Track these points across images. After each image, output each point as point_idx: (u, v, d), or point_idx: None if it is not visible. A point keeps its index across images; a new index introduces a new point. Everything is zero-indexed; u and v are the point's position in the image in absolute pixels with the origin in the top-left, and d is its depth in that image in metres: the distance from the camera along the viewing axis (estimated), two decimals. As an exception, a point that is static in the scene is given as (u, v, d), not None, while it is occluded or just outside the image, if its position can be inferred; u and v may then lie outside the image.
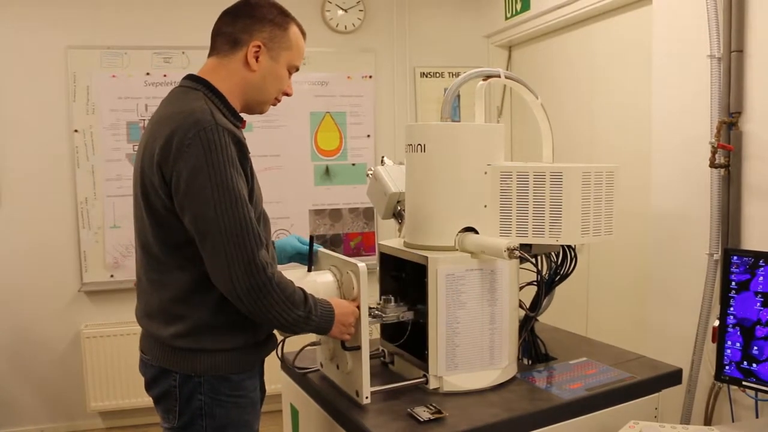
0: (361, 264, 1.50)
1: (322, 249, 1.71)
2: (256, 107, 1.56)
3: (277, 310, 1.37)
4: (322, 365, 1.79)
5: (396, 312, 1.68)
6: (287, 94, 1.58)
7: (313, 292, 1.49)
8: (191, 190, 1.33)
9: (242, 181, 1.37)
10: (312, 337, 1.63)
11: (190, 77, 1.50)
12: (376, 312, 1.67)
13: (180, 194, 1.34)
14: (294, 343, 1.77)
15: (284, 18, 1.52)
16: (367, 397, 1.53)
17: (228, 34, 1.48)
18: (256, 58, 1.48)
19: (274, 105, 1.59)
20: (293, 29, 1.53)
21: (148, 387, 1.53)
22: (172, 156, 1.34)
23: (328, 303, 1.48)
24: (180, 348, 1.43)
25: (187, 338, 1.42)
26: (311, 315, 1.42)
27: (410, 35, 3.83)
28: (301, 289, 1.43)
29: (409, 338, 1.74)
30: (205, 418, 1.44)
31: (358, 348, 1.52)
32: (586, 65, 3.11)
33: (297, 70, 1.57)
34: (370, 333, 1.56)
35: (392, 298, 1.70)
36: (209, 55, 1.52)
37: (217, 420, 1.45)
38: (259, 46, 1.47)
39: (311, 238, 1.69)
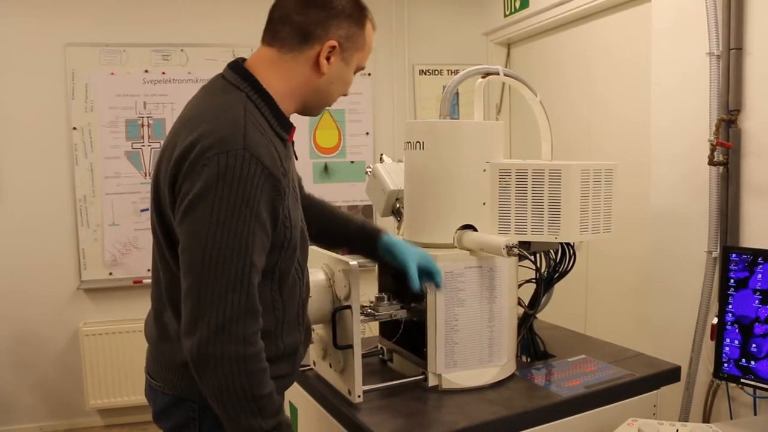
0: (353, 262, 1.48)
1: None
2: (313, 110, 1.35)
3: (233, 400, 1.09)
4: (314, 363, 1.78)
5: (389, 310, 1.67)
6: (343, 95, 1.38)
7: None
8: (188, 217, 1.11)
9: (261, 227, 1.12)
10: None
11: (236, 69, 1.25)
12: (369, 311, 1.67)
13: (178, 216, 1.14)
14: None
15: (361, 12, 1.28)
16: (359, 396, 1.52)
17: (297, 24, 1.22)
18: (328, 60, 1.24)
19: (330, 106, 1.39)
20: (368, 26, 1.30)
21: (159, 418, 1.32)
22: (185, 168, 1.13)
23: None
24: None
25: None
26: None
27: (409, 33, 3.82)
28: (281, 399, 1.17)
29: (408, 336, 1.73)
30: None
31: (350, 347, 1.51)
32: (585, 63, 3.10)
33: (362, 70, 1.37)
34: (364, 331, 1.54)
35: (385, 296, 1.69)
36: (265, 42, 1.26)
37: None
38: (333, 47, 1.23)
39: None
